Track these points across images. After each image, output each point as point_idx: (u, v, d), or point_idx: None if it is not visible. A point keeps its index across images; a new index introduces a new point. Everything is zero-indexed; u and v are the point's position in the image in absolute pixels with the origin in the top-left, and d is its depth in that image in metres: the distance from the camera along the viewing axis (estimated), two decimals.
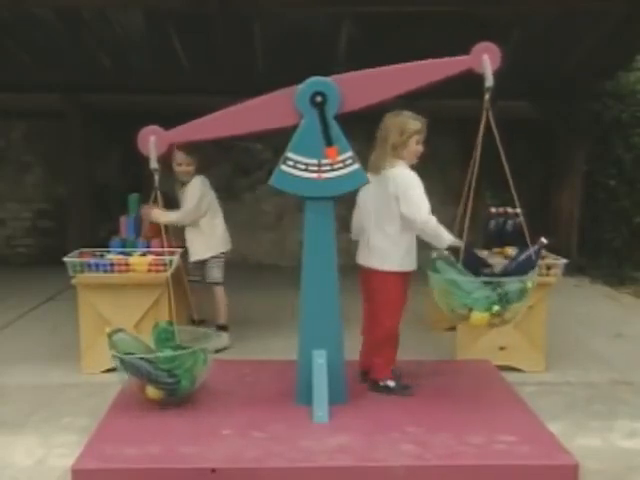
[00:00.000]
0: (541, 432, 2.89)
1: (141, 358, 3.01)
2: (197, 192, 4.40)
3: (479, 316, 2.89)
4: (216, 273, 4.54)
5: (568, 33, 5.99)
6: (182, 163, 4.38)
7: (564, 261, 4.04)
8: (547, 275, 3.99)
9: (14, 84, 6.81)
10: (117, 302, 3.89)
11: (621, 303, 6.19)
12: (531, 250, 3.02)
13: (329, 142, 2.94)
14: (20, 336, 4.92)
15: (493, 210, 4.33)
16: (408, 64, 2.98)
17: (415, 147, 3.26)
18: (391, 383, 3.35)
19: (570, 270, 5.86)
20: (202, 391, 3.31)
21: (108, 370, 3.95)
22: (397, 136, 3.23)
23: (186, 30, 5.86)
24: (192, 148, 4.30)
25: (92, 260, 3.95)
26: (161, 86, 6.77)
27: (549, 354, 4.15)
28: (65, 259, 3.90)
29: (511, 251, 4.08)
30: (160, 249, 3.92)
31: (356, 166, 2.99)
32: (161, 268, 3.90)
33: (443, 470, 2.61)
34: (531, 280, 2.94)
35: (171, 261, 3.92)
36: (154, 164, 3.05)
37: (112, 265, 3.92)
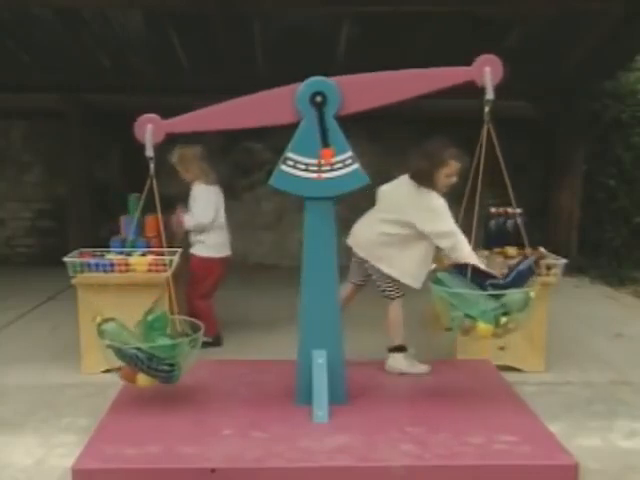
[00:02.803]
0: (541, 432, 2.89)
1: (138, 348, 2.97)
2: None
3: (485, 327, 2.92)
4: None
5: (568, 33, 5.99)
6: None
7: (564, 261, 4.04)
8: (547, 275, 3.99)
9: (14, 84, 6.81)
10: (117, 302, 3.88)
11: (621, 303, 6.19)
12: (531, 259, 3.06)
13: (325, 143, 2.94)
14: (20, 336, 4.92)
15: (493, 210, 4.33)
16: (410, 71, 2.97)
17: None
18: None
19: (570, 270, 5.86)
20: (202, 391, 3.31)
21: (108, 370, 3.95)
22: None
23: (186, 30, 5.86)
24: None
25: (92, 260, 3.95)
26: (161, 86, 6.77)
27: (549, 354, 4.15)
28: (65, 259, 3.90)
29: (511, 251, 4.08)
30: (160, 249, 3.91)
31: (356, 166, 2.99)
32: (161, 268, 3.91)
33: (443, 470, 2.61)
34: (533, 290, 2.96)
35: (171, 261, 3.92)
36: (150, 152, 3.04)
37: (112, 265, 3.92)
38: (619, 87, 7.65)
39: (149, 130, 3.04)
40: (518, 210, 4.44)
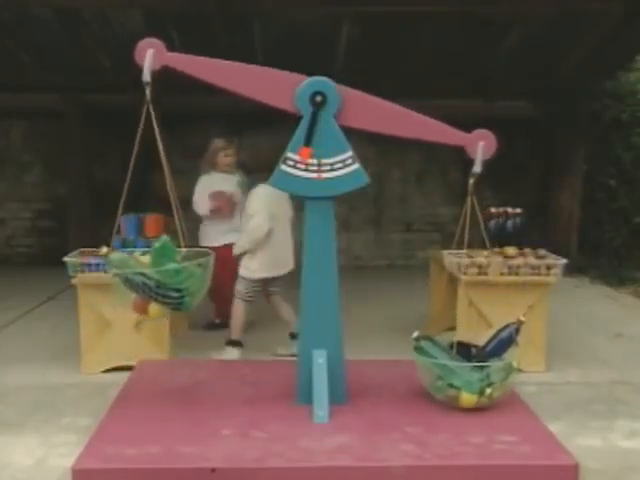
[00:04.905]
0: (541, 432, 2.88)
1: (142, 274, 2.88)
2: None
3: (468, 397, 2.95)
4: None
5: (568, 33, 5.99)
6: None
7: (564, 261, 4.04)
8: (547, 275, 3.99)
9: (14, 84, 6.80)
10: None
11: (621, 303, 6.19)
12: (512, 328, 3.08)
13: (307, 141, 2.93)
14: (20, 336, 4.92)
15: (493, 210, 4.33)
16: (414, 113, 3.00)
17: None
18: None
19: (570, 270, 5.86)
20: (202, 391, 3.31)
21: (108, 370, 3.95)
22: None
23: (186, 30, 5.85)
24: None
25: (92, 260, 3.95)
26: (161, 86, 6.76)
27: (549, 354, 4.15)
28: (65, 259, 3.90)
29: (511, 251, 4.08)
30: None
31: (356, 166, 2.99)
32: None
33: (443, 470, 2.61)
34: (516, 359, 3.02)
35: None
36: (147, 77, 3.04)
37: None
38: (619, 87, 7.65)
39: (150, 54, 3.05)
40: (518, 210, 4.47)
